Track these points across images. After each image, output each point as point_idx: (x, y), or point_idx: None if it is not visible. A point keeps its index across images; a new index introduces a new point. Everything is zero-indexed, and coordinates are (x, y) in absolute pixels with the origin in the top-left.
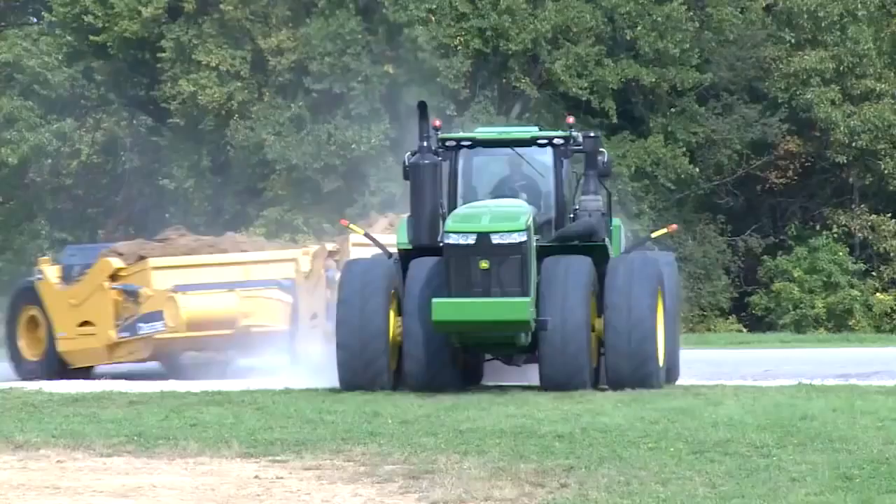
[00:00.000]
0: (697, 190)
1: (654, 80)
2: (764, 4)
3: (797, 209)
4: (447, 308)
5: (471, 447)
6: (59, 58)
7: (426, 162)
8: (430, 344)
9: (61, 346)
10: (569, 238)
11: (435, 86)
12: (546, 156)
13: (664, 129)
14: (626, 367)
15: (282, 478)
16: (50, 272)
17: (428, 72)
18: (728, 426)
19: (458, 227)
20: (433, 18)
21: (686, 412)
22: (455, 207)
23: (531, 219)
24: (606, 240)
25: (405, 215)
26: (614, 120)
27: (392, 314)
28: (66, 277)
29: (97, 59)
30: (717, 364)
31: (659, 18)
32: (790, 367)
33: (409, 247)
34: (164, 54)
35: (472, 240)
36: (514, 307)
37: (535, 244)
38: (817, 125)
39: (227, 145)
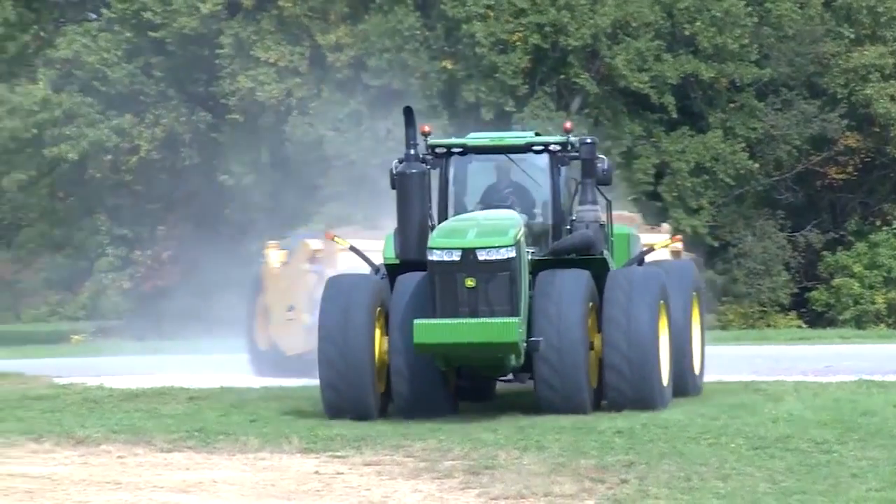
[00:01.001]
0: (757, 186)
1: (713, 75)
2: (823, 0)
3: (857, 205)
4: (429, 330)
5: (531, 443)
6: (119, 54)
7: (414, 170)
8: (418, 364)
9: (274, 333)
10: (565, 251)
11: (493, 82)
12: (542, 163)
13: (723, 125)
14: (627, 388)
15: (342, 473)
16: (273, 256)
17: (486, 68)
18: (788, 422)
19: (443, 243)
20: (491, 14)
21: (746, 408)
22: (445, 219)
23: (522, 231)
24: (605, 252)
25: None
26: (674, 115)
27: (378, 333)
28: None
29: (156, 56)
30: (776, 360)
31: (718, 14)
32: (850, 362)
33: (397, 261)
34: (222, 50)
35: (456, 256)
36: (502, 328)
37: (527, 258)
38: (877, 121)
39: (286, 141)
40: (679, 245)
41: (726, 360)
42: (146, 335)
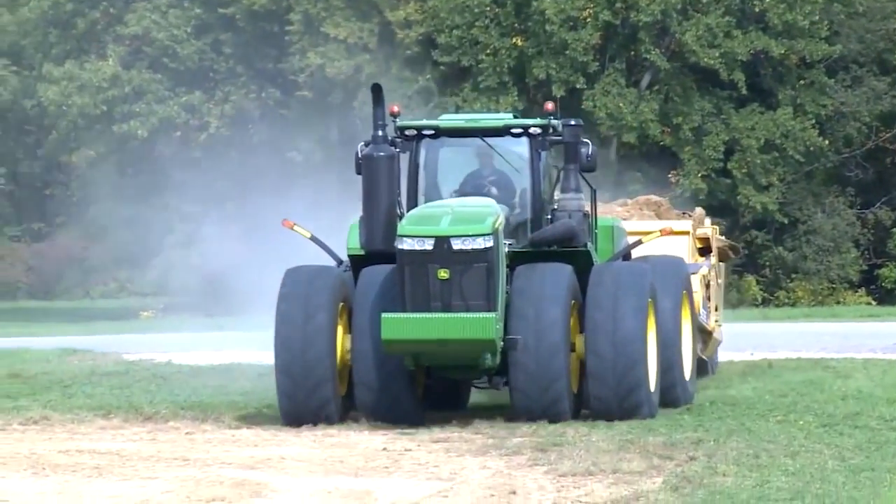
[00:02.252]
0: (826, 162)
1: (783, 51)
2: None
3: None
4: (399, 325)
5: (599, 420)
6: (188, 30)
7: (381, 154)
8: (384, 366)
9: None
10: (546, 242)
11: (564, 58)
12: (521, 147)
13: (793, 102)
14: (611, 394)
15: (410, 450)
16: None
17: (557, 44)
18: (857, 399)
19: (414, 231)
20: None
21: (815, 385)
22: (415, 206)
23: (500, 220)
24: (589, 244)
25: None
26: (743, 92)
27: (341, 332)
28: None
29: (225, 32)
30: (845, 337)
31: None
32: None
33: (361, 252)
34: (291, 27)
35: (429, 245)
36: (477, 324)
37: (504, 250)
38: None
39: (355, 118)
40: (707, 230)
41: (795, 336)
42: (214, 311)
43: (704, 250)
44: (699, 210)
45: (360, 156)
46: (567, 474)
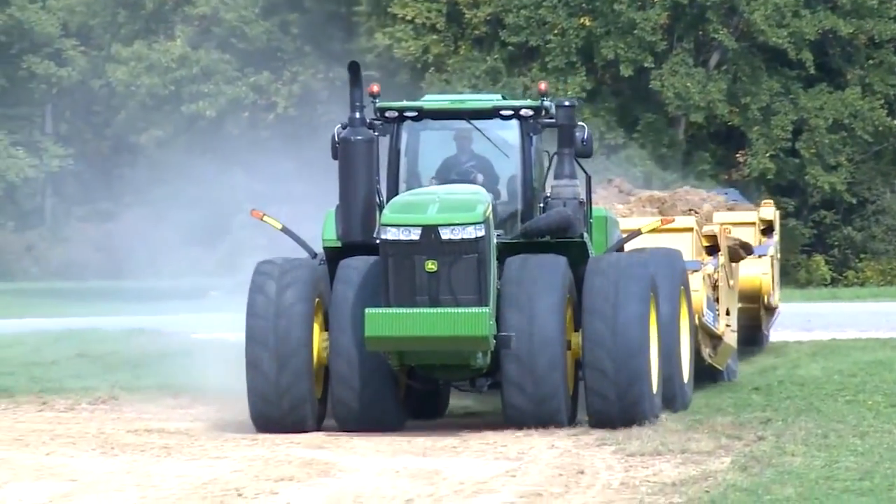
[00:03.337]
0: (895, 142)
1: (851, 31)
2: None
3: None
4: (384, 321)
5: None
6: (256, 11)
7: (359, 137)
8: (364, 365)
9: None
10: (539, 232)
11: (632, 38)
12: (511, 130)
13: (861, 81)
14: (612, 391)
15: (478, 430)
16: None
17: (625, 24)
18: None
19: (399, 220)
20: None
21: (884, 365)
22: (396, 195)
23: (491, 209)
24: (585, 235)
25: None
26: (812, 71)
27: (317, 328)
28: None
29: (293, 12)
30: None
31: None
32: None
33: (338, 244)
34: (359, 7)
35: (415, 235)
36: (469, 320)
37: (495, 240)
38: None
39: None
40: (714, 227)
41: (865, 316)
42: None
43: (712, 249)
44: (707, 207)
45: (336, 140)
46: (635, 454)
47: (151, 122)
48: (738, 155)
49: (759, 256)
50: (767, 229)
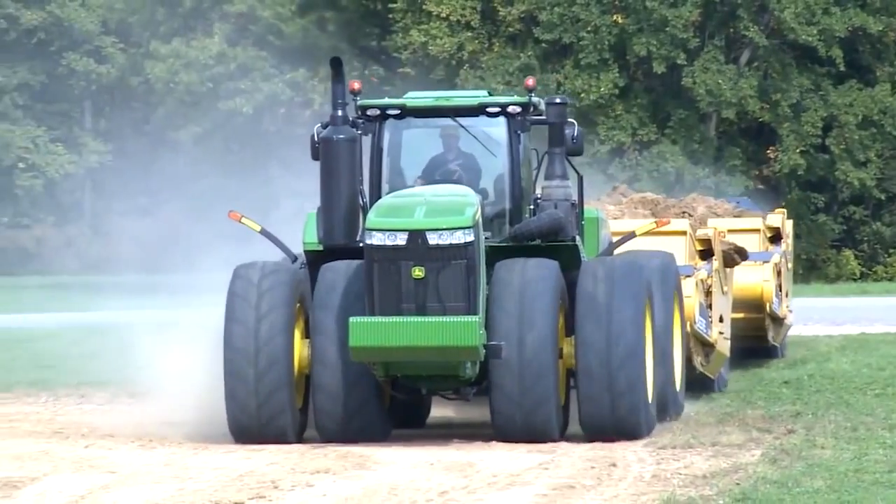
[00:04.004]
0: None
1: (881, 28)
2: None
3: None
4: (369, 330)
5: (698, 393)
6: (293, 8)
7: (341, 136)
8: (348, 374)
9: None
10: (528, 236)
11: (664, 35)
12: (498, 128)
13: (891, 78)
14: (604, 402)
15: None
16: None
17: (657, 21)
18: None
19: (384, 224)
20: None
21: None
22: (379, 196)
23: (479, 211)
24: (577, 238)
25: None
26: (841, 68)
27: (297, 335)
28: None
29: (329, 10)
30: None
31: None
32: None
33: (320, 248)
34: (395, 4)
35: (402, 240)
36: (458, 329)
37: (484, 244)
38: None
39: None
40: (708, 231)
41: (893, 311)
42: None
43: (706, 253)
44: (701, 210)
45: (316, 139)
46: (667, 447)
47: (189, 118)
48: (768, 151)
49: (763, 262)
50: (775, 237)
